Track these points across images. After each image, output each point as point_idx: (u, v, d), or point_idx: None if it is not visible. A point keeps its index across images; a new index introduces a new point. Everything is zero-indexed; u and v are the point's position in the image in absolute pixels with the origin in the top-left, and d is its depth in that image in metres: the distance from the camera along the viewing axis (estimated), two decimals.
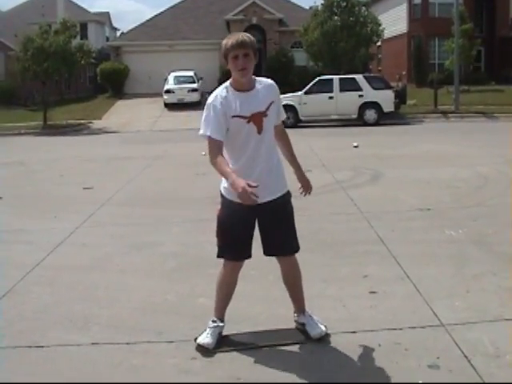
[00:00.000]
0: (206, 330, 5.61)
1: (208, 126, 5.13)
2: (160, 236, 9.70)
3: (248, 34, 5.16)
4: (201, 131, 5.18)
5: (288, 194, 5.55)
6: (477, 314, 6.18)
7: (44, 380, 5.17)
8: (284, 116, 5.64)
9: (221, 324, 5.67)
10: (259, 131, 5.20)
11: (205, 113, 5.22)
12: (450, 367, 5.08)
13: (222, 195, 5.41)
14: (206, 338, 5.54)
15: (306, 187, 5.76)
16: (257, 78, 5.38)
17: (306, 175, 5.79)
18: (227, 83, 5.27)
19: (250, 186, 4.68)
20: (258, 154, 5.24)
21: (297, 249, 5.62)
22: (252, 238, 5.46)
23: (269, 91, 5.34)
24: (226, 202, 5.36)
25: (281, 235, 5.41)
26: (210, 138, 5.09)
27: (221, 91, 5.22)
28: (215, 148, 5.06)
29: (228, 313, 5.59)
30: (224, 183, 5.30)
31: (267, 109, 5.24)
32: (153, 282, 7.56)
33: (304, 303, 5.82)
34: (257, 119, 5.17)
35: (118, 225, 10.79)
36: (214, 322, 5.65)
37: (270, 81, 5.47)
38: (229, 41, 5.08)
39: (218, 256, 5.52)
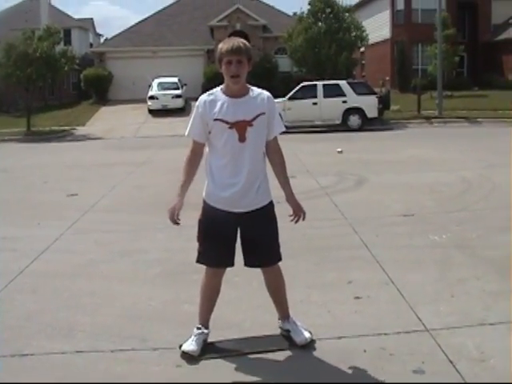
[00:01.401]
0: (190, 337, 5.58)
1: (189, 127, 5.34)
2: (144, 242, 9.68)
3: (244, 41, 5.19)
4: (188, 132, 5.34)
5: (271, 204, 5.51)
6: (461, 318, 6.20)
7: None
8: (279, 131, 5.51)
9: (205, 331, 5.64)
10: (241, 139, 5.15)
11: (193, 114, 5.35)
12: (434, 372, 5.10)
13: (203, 200, 5.40)
14: (190, 345, 5.50)
15: (299, 214, 5.70)
16: (254, 87, 5.37)
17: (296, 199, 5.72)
18: (219, 88, 5.31)
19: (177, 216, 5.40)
20: (240, 161, 5.19)
21: (278, 260, 5.57)
22: (234, 247, 5.41)
23: (260, 102, 5.28)
24: (207, 208, 5.36)
25: (262, 247, 5.36)
26: (194, 141, 5.34)
27: (208, 94, 5.31)
28: (193, 149, 5.36)
29: (213, 319, 5.56)
30: (209, 189, 5.32)
31: (253, 119, 5.18)
32: (137, 289, 7.53)
33: (288, 309, 5.82)
34: (240, 127, 5.13)
35: (102, 231, 10.75)
36: (198, 328, 5.62)
37: (266, 93, 5.40)
38: (224, 46, 5.12)
39: (197, 261, 5.52)
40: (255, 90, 5.34)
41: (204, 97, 5.28)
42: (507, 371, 5.03)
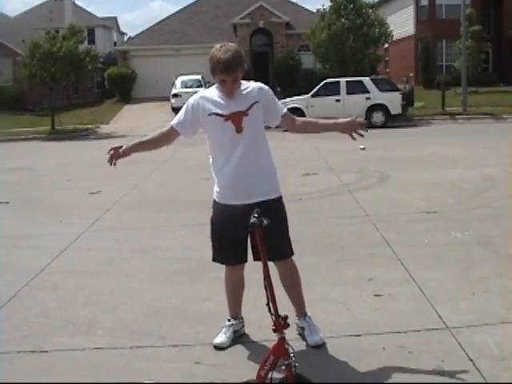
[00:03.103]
0: (221, 330, 5.73)
1: (177, 117, 5.47)
2: (165, 240, 9.70)
3: (235, 49, 5.09)
4: (173, 121, 5.50)
5: (280, 199, 5.45)
6: (482, 316, 6.15)
7: None
8: (283, 110, 5.48)
9: (234, 322, 5.76)
10: (238, 130, 5.14)
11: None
12: (454, 370, 5.04)
13: (213, 200, 5.45)
14: (219, 338, 5.65)
15: (355, 125, 5.87)
16: (245, 82, 5.34)
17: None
18: (216, 85, 5.31)
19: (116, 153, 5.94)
20: (238, 151, 5.18)
21: (289, 254, 5.52)
22: (246, 243, 5.33)
23: (253, 92, 5.26)
24: (217, 206, 5.40)
25: (270, 240, 5.02)
26: (172, 126, 5.48)
27: (205, 90, 5.51)
28: (167, 132, 5.58)
29: None
30: (216, 187, 5.38)
31: (248, 109, 5.17)
32: (157, 286, 7.56)
33: (304, 307, 5.78)
34: (236, 118, 5.12)
35: (123, 229, 10.81)
36: (228, 320, 5.78)
37: (258, 84, 5.40)
38: (217, 61, 5.03)
39: (213, 260, 5.58)
40: (246, 84, 5.33)
41: (199, 94, 5.39)
42: None
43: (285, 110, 5.50)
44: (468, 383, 4.21)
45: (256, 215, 4.41)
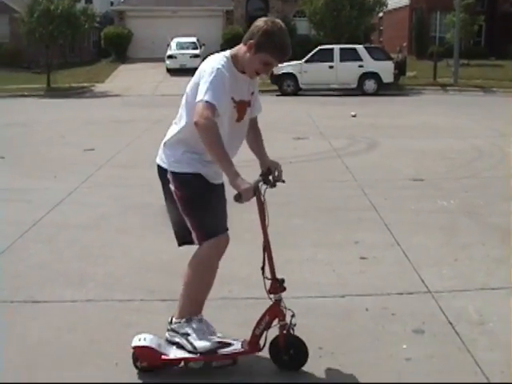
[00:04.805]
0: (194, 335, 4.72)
1: (218, 95, 4.24)
2: (157, 197, 9.73)
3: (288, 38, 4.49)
4: (207, 97, 4.19)
5: None
6: (463, 282, 6.34)
7: (38, 333, 5.32)
8: (261, 110, 5.02)
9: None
10: (239, 119, 4.63)
11: (213, 77, 4.30)
12: (434, 332, 5.23)
13: (173, 172, 4.59)
14: (201, 342, 4.67)
15: (279, 169, 4.87)
16: None
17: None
18: (229, 57, 4.54)
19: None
20: (231, 141, 4.54)
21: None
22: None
23: (254, 80, 4.76)
24: (186, 178, 4.55)
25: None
26: (214, 108, 4.19)
27: (223, 65, 4.43)
28: (214, 121, 4.17)
29: (220, 273, 5.02)
30: (171, 157, 4.63)
31: (250, 99, 4.74)
32: (148, 242, 7.71)
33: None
34: (241, 107, 4.61)
35: (116, 186, 10.94)
36: (199, 321, 4.78)
37: None
38: (281, 44, 4.41)
39: (209, 237, 4.56)
40: None
41: (223, 68, 4.38)
42: (505, 335, 5.15)
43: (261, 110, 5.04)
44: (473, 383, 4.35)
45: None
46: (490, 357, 4.81)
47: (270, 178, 4.68)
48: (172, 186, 4.58)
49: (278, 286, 4.56)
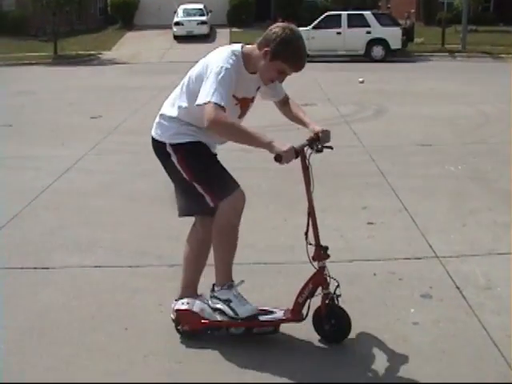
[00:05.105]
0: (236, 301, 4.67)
1: (225, 97, 4.15)
2: None
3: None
4: (215, 98, 4.11)
5: None
6: (471, 247, 6.36)
7: (47, 299, 5.36)
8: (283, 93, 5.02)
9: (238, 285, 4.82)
10: (241, 116, 4.66)
11: (220, 78, 4.19)
12: (441, 297, 5.27)
13: (173, 145, 4.57)
14: (243, 308, 4.64)
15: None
16: None
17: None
18: (240, 55, 4.41)
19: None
20: None
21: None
22: None
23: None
24: (187, 147, 4.54)
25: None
26: (223, 108, 4.10)
27: (232, 64, 4.30)
28: (228, 117, 4.14)
29: None
30: (171, 129, 4.61)
31: (255, 95, 4.72)
32: (156, 208, 7.72)
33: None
34: (244, 104, 4.60)
35: (124, 153, 10.96)
36: (229, 287, 4.71)
37: None
38: (300, 56, 4.36)
39: (224, 196, 4.46)
40: None
41: (232, 69, 4.26)
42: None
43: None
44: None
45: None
46: (497, 321, 4.83)
47: (318, 143, 4.65)
48: (174, 159, 4.56)
49: (321, 252, 4.55)
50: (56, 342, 4.64)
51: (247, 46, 4.52)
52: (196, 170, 4.55)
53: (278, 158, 4.09)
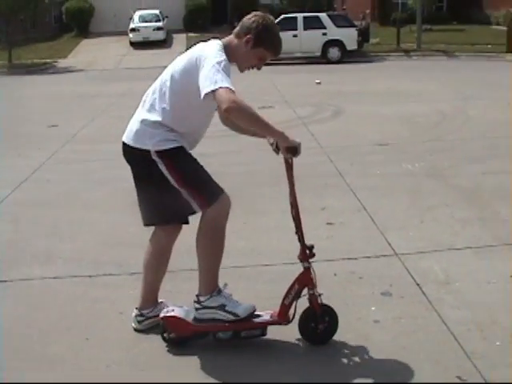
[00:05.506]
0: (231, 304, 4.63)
1: (226, 78, 4.11)
2: (123, 171, 9.69)
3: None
4: (224, 83, 4.08)
5: None
6: (429, 243, 6.42)
7: (7, 312, 5.31)
8: None
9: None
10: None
11: (223, 67, 4.18)
12: (401, 294, 5.30)
13: (160, 152, 4.43)
14: (241, 308, 4.61)
15: None
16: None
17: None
18: (222, 47, 4.40)
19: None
20: (202, 131, 4.76)
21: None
22: None
23: None
24: (173, 152, 4.46)
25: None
26: (233, 91, 4.08)
27: (224, 55, 4.31)
28: (243, 100, 4.12)
29: (189, 243, 4.92)
30: (157, 136, 4.46)
31: None
32: (115, 216, 7.70)
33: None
34: None
35: (81, 161, 10.88)
36: (218, 292, 4.64)
37: None
38: (279, 42, 4.62)
39: (212, 201, 4.46)
40: None
41: (227, 59, 4.26)
42: (471, 293, 5.26)
43: None
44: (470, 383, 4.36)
45: None
46: (457, 315, 4.88)
47: None
48: (162, 166, 4.46)
49: (307, 252, 4.59)
50: (17, 356, 4.58)
51: (223, 39, 4.56)
52: (187, 176, 4.50)
53: (293, 150, 4.35)
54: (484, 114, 13.87)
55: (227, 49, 4.42)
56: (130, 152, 4.63)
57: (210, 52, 4.30)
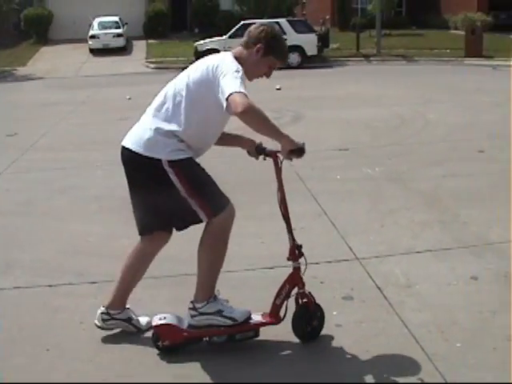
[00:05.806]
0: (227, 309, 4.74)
1: (240, 82, 4.30)
2: (83, 180, 9.74)
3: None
4: (241, 88, 4.27)
5: None
6: (390, 247, 6.48)
7: None
8: None
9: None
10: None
11: (240, 75, 4.37)
12: (362, 298, 5.36)
13: (172, 161, 4.45)
14: (238, 312, 4.74)
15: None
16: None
17: None
18: (234, 54, 4.65)
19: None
20: (213, 139, 4.87)
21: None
22: None
23: None
24: (185, 163, 4.50)
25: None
26: (247, 96, 4.26)
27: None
28: (255, 103, 4.29)
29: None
30: (168, 147, 4.48)
31: None
32: (75, 225, 7.63)
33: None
34: None
35: (41, 170, 10.78)
36: (215, 298, 4.74)
37: None
38: (286, 49, 4.87)
39: (219, 211, 4.62)
40: None
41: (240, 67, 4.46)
42: (431, 296, 5.33)
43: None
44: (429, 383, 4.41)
45: None
46: (418, 318, 4.94)
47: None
48: (172, 175, 4.47)
49: (296, 252, 4.74)
50: None
51: (232, 51, 4.73)
52: (196, 186, 4.55)
53: (299, 152, 4.57)
54: (444, 118, 13.99)
55: (238, 59, 4.56)
56: (136, 159, 4.64)
57: (228, 63, 4.45)
